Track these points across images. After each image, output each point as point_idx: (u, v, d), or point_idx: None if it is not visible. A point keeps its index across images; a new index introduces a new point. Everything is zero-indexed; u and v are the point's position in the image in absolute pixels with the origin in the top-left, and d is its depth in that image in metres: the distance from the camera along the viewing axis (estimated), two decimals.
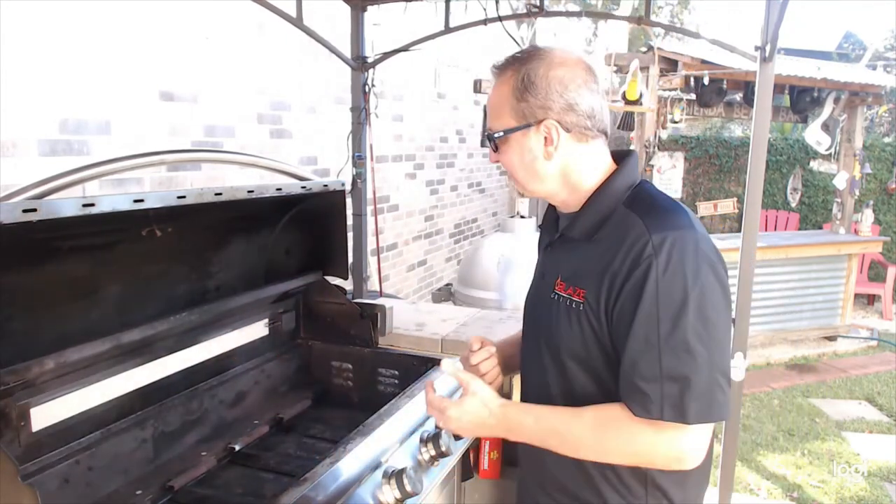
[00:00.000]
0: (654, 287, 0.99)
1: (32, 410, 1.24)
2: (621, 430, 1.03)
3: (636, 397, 1.01)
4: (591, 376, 1.10)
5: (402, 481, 1.29)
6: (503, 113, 1.14)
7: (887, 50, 13.08)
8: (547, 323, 1.16)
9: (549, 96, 1.09)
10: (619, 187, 1.13)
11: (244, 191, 1.50)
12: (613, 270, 1.04)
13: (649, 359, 1.00)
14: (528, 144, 1.13)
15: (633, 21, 2.69)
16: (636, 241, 1.02)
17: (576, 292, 1.10)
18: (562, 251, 1.19)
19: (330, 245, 1.95)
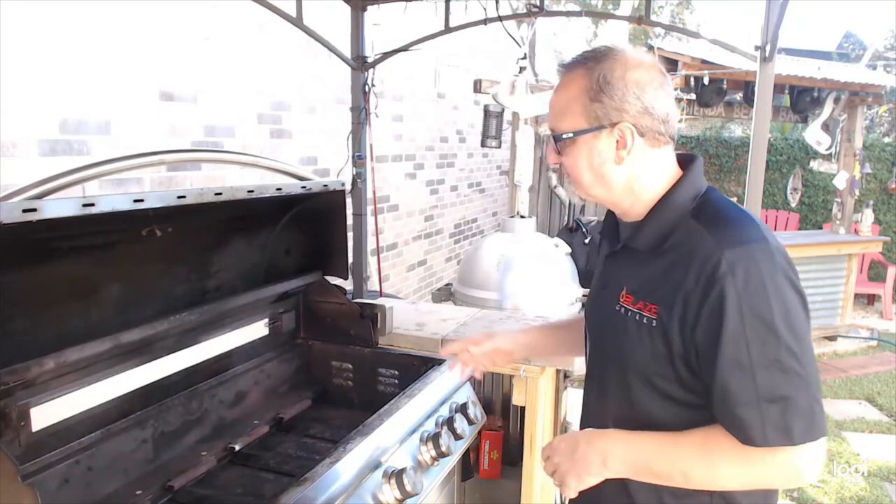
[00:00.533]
0: (737, 306, 0.94)
1: (32, 410, 1.24)
2: (732, 457, 0.98)
3: (735, 424, 0.97)
4: (658, 395, 1.06)
5: (402, 481, 1.29)
6: (573, 113, 1.07)
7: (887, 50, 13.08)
8: (612, 337, 1.12)
9: (626, 98, 1.04)
10: (684, 197, 1.09)
11: (244, 191, 1.50)
12: (687, 289, 0.99)
13: (742, 382, 0.95)
14: (599, 147, 1.07)
15: (633, 21, 2.69)
16: (708, 258, 0.98)
17: (646, 307, 1.05)
18: (625, 262, 1.14)
19: (330, 245, 1.95)
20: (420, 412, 1.55)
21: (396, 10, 3.13)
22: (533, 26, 3.22)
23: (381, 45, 2.93)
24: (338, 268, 1.98)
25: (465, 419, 1.63)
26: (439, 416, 1.60)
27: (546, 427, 2.16)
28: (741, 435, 0.96)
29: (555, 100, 1.12)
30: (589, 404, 1.25)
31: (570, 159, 1.10)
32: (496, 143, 4.95)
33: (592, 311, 1.24)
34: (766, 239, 1.00)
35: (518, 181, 4.08)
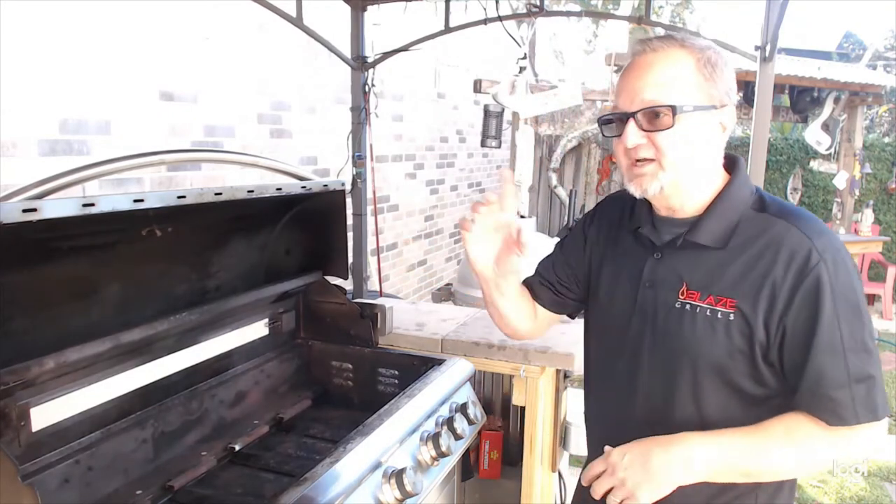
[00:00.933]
0: (830, 293, 0.98)
1: (32, 410, 1.24)
2: (819, 441, 1.01)
3: (827, 407, 0.99)
4: (728, 390, 1.06)
5: (402, 481, 1.29)
6: (686, 87, 1.02)
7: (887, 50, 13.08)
8: (675, 334, 1.08)
9: (730, 86, 1.04)
10: (745, 191, 1.09)
11: (244, 191, 1.50)
12: (775, 280, 1.00)
13: (837, 366, 0.98)
14: (704, 128, 1.04)
15: (633, 21, 2.70)
16: (797, 248, 1.00)
17: (719, 302, 1.03)
18: (681, 258, 1.10)
19: (330, 245, 1.95)
20: (420, 412, 1.55)
21: (396, 10, 3.13)
22: (533, 26, 3.22)
23: (381, 45, 2.93)
24: (338, 268, 1.98)
25: (465, 419, 1.63)
26: (439, 416, 1.60)
27: (546, 427, 2.16)
28: (833, 417, 0.99)
29: (654, 72, 1.03)
30: (621, 405, 1.18)
31: (672, 135, 1.02)
32: (496, 143, 4.95)
33: (621, 309, 1.17)
34: (833, 231, 1.06)
35: (518, 181, 4.08)
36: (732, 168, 1.12)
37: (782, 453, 1.02)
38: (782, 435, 1.01)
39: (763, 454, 1.02)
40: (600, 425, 1.26)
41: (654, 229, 1.15)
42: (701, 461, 1.01)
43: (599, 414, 1.26)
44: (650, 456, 1.01)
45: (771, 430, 1.02)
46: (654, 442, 1.03)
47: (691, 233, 1.09)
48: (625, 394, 1.17)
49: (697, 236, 1.08)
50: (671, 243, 1.12)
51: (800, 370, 1.00)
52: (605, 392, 1.22)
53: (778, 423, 1.02)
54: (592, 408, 1.31)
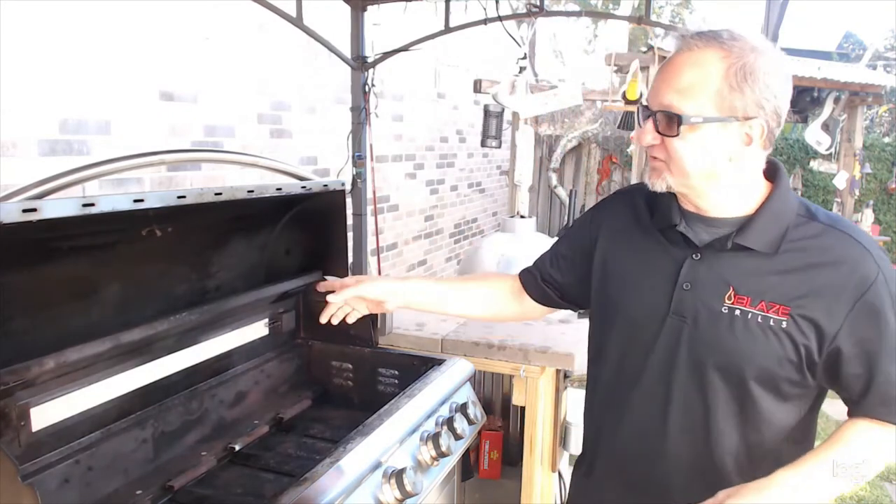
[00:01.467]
0: (890, 302, 1.00)
1: (32, 410, 1.24)
2: (889, 442, 1.04)
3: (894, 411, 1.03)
4: (771, 393, 1.06)
5: (402, 481, 1.29)
6: (703, 95, 0.99)
7: (887, 50, 13.08)
8: (719, 340, 1.06)
9: (766, 95, 0.99)
10: (791, 198, 1.09)
11: (244, 191, 1.50)
12: (835, 291, 1.00)
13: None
14: (723, 140, 1.01)
15: (633, 21, 2.70)
16: (859, 259, 1.01)
17: (771, 308, 1.02)
18: (726, 260, 1.07)
19: (330, 245, 1.95)
20: (420, 412, 1.55)
21: (396, 10, 3.13)
22: (533, 26, 3.22)
23: (381, 45, 2.93)
24: (338, 268, 1.98)
25: (465, 419, 1.63)
26: (439, 416, 1.60)
27: (546, 427, 2.16)
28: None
29: (679, 74, 1.01)
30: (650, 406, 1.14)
31: (685, 145, 1.01)
32: (496, 143, 4.95)
33: (652, 309, 1.13)
34: None
35: (518, 181, 4.08)
36: (774, 175, 1.10)
37: (866, 463, 1.03)
38: (865, 448, 1.04)
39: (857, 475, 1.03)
40: (621, 436, 1.20)
41: (688, 227, 1.11)
42: (801, 498, 0.98)
43: (619, 424, 1.20)
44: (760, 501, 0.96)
45: (854, 447, 1.03)
46: (757, 490, 0.97)
47: (740, 235, 1.05)
48: (656, 394, 1.13)
49: (747, 239, 1.05)
50: (714, 244, 1.08)
51: (867, 379, 1.02)
52: (628, 391, 1.17)
53: (854, 439, 1.05)
54: (605, 418, 1.25)
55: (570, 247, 1.34)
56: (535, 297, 1.39)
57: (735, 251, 1.06)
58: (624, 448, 1.20)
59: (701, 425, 1.09)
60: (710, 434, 1.08)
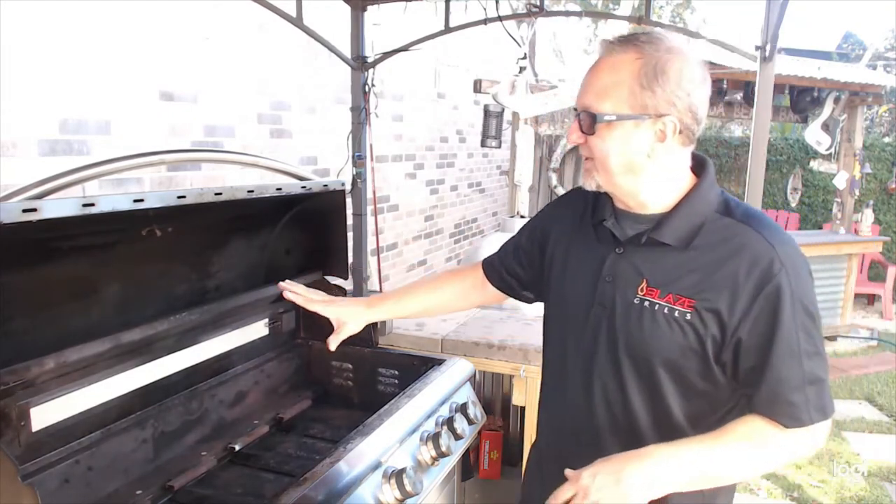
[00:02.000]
0: (790, 300, 1.02)
1: (32, 410, 1.24)
2: (776, 442, 1.05)
3: (784, 410, 1.04)
4: (680, 384, 1.10)
5: (402, 481, 1.29)
6: (618, 95, 1.04)
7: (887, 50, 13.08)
8: (629, 329, 1.11)
9: (677, 93, 1.03)
10: (711, 194, 1.12)
11: (244, 191, 1.50)
12: (736, 284, 1.03)
13: (794, 370, 1.03)
14: (637, 136, 1.05)
15: (633, 21, 2.69)
16: (761, 254, 1.03)
17: (678, 301, 1.06)
18: (643, 254, 1.12)
19: (330, 245, 1.95)
20: (420, 412, 1.55)
21: (396, 10, 3.13)
22: (533, 26, 3.22)
23: (381, 45, 2.93)
24: (338, 268, 1.98)
25: (465, 419, 1.63)
26: (439, 416, 1.61)
27: None
28: (790, 420, 1.04)
29: (598, 77, 1.07)
30: (577, 395, 1.20)
31: (602, 143, 1.07)
32: (496, 143, 4.95)
33: (581, 301, 1.19)
34: (794, 239, 1.09)
35: (518, 181, 4.08)
36: (700, 170, 1.14)
37: (744, 460, 1.06)
38: (742, 440, 1.05)
39: (727, 463, 1.06)
40: (557, 415, 1.28)
41: (616, 223, 1.16)
42: (669, 475, 1.02)
43: (556, 403, 1.27)
44: (621, 476, 1.01)
45: (731, 437, 1.05)
46: (623, 460, 1.03)
47: (655, 231, 1.10)
48: (580, 383, 1.19)
49: (661, 235, 1.10)
50: (634, 239, 1.13)
51: (759, 374, 1.04)
52: (564, 375, 1.24)
53: (737, 430, 1.06)
54: (550, 397, 1.32)
55: (529, 239, 1.39)
56: (498, 287, 1.46)
57: (651, 245, 1.11)
58: (560, 426, 1.27)
59: (619, 409, 1.15)
60: (627, 417, 1.14)
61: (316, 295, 1.48)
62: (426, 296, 1.49)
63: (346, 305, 1.47)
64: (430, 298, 1.49)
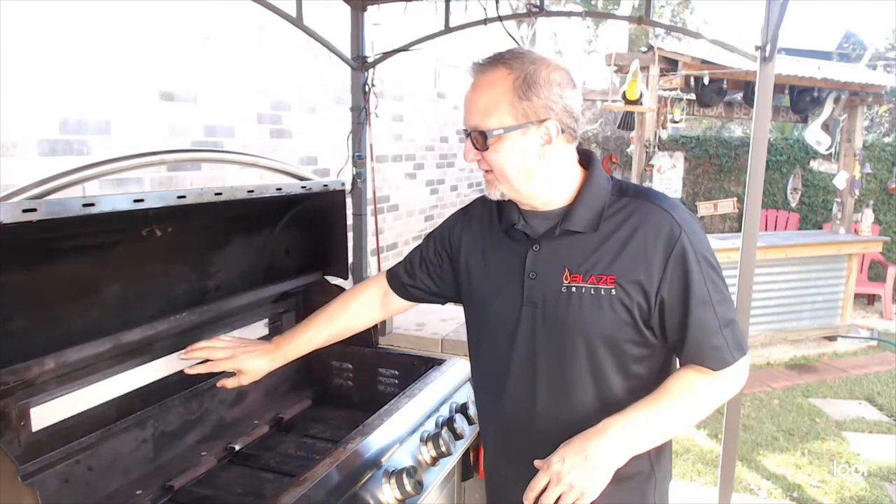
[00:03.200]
0: (694, 257, 1.13)
1: (32, 410, 1.24)
2: (709, 387, 1.16)
3: (711, 355, 1.15)
4: (619, 356, 1.17)
5: (402, 481, 1.29)
6: (499, 110, 1.13)
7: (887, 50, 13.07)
8: (564, 316, 1.17)
9: (551, 97, 1.12)
10: (603, 181, 1.22)
11: (244, 191, 1.50)
12: (648, 252, 1.13)
13: (710, 318, 1.14)
14: (526, 143, 1.14)
15: (633, 21, 2.70)
16: (661, 222, 1.14)
17: (600, 280, 1.14)
18: (559, 246, 1.19)
19: (330, 245, 1.95)
20: (420, 412, 1.56)
21: (396, 10, 3.13)
22: (533, 26, 3.22)
23: (381, 45, 2.93)
24: (338, 268, 1.98)
25: (465, 419, 1.63)
26: (439, 416, 1.61)
27: None
28: (717, 362, 1.15)
29: (478, 97, 1.15)
30: (523, 391, 1.23)
31: (497, 155, 1.15)
32: None
33: (509, 303, 1.23)
34: None
35: None
36: (588, 163, 1.24)
37: (685, 410, 1.16)
38: (682, 394, 1.16)
39: (673, 417, 1.16)
40: (502, 414, 1.29)
41: (526, 224, 1.24)
42: (627, 441, 1.11)
43: (498, 405, 1.29)
44: (587, 452, 1.09)
45: (671, 394, 1.15)
46: (584, 439, 1.11)
47: (565, 222, 1.19)
48: (526, 381, 1.23)
49: (571, 224, 1.18)
50: (547, 234, 1.21)
51: (682, 328, 1.14)
52: (502, 377, 1.26)
53: (673, 386, 1.17)
54: (490, 400, 1.33)
55: (436, 252, 1.43)
56: (404, 297, 1.50)
57: (564, 236, 1.19)
58: (504, 427, 1.29)
59: (564, 395, 1.20)
60: (572, 401, 1.20)
61: (220, 353, 1.42)
62: (330, 322, 1.49)
63: (248, 359, 1.42)
64: (336, 323, 1.49)
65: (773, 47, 2.21)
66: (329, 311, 1.50)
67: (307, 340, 1.48)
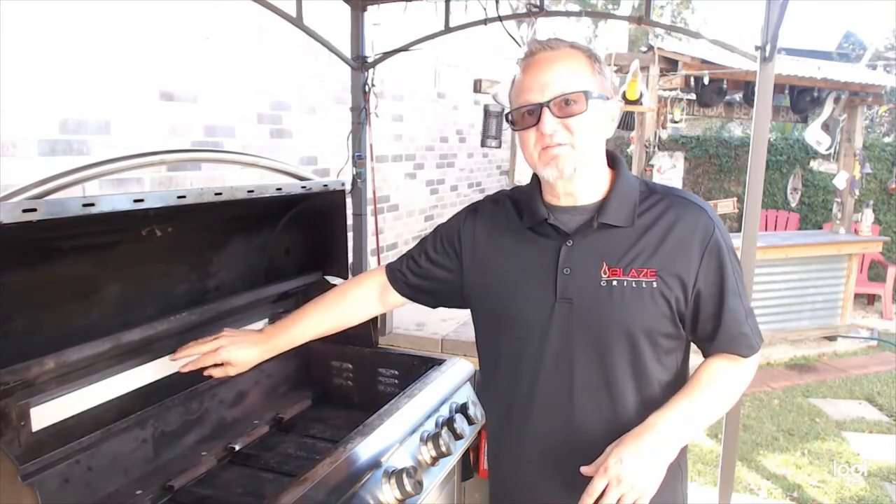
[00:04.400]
0: (727, 250, 1.17)
1: (32, 410, 1.24)
2: (737, 373, 1.21)
3: (742, 342, 1.19)
4: (655, 348, 1.18)
5: (402, 481, 1.29)
6: (584, 77, 1.14)
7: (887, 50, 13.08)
8: (604, 310, 1.16)
9: (613, 82, 1.18)
10: (632, 178, 1.25)
11: (244, 191, 1.50)
12: (687, 246, 1.16)
13: (739, 307, 1.18)
14: (603, 116, 1.17)
15: (633, 21, 2.70)
16: (698, 218, 1.18)
17: (641, 273, 1.15)
18: (595, 240, 1.18)
19: (330, 245, 1.95)
20: (420, 412, 1.55)
21: (396, 10, 3.13)
22: (533, 26, 3.22)
23: (381, 45, 2.93)
24: (338, 268, 1.98)
25: (465, 419, 1.63)
26: (439, 416, 1.61)
27: None
28: (747, 349, 1.20)
29: (559, 66, 1.13)
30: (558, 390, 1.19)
31: (587, 118, 1.13)
32: (496, 143, 4.95)
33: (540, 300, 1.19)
34: None
35: (518, 181, 4.08)
36: (615, 163, 1.25)
37: (720, 398, 1.20)
38: (715, 383, 1.19)
39: (711, 406, 1.18)
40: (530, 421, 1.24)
41: (556, 219, 1.21)
42: (677, 434, 1.11)
43: (525, 405, 1.24)
44: (643, 450, 1.06)
45: (707, 384, 1.18)
46: (636, 437, 1.08)
47: (601, 215, 1.18)
48: (559, 376, 1.19)
49: (608, 218, 1.18)
50: (581, 229, 1.19)
51: (717, 318, 1.18)
52: (531, 382, 1.22)
53: (707, 375, 1.20)
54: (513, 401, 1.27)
55: (442, 250, 1.37)
56: (403, 293, 1.45)
57: (601, 230, 1.18)
58: (534, 435, 1.24)
59: (604, 393, 1.19)
60: (613, 399, 1.18)
61: (205, 347, 1.39)
62: (326, 314, 1.44)
63: (235, 349, 1.39)
64: (332, 315, 1.45)
65: (773, 47, 2.21)
66: (325, 302, 1.45)
67: (301, 332, 1.44)
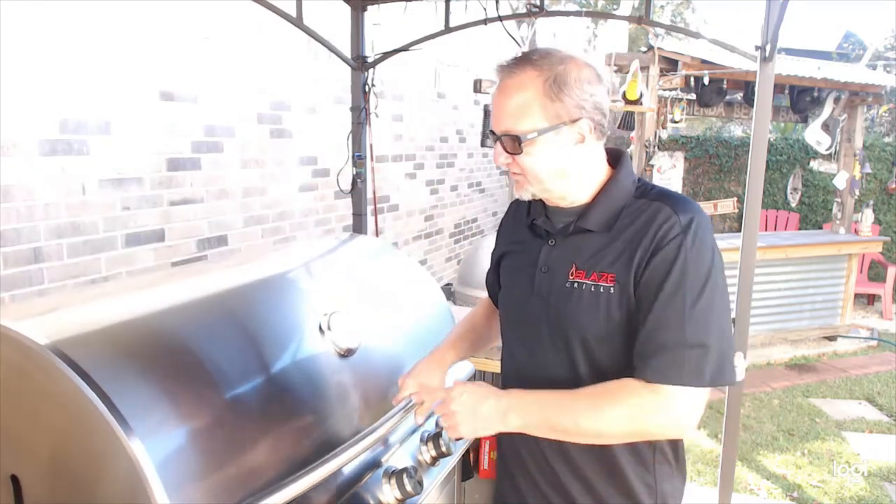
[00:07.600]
0: (683, 261, 1.08)
1: None
2: (640, 399, 1.06)
3: (653, 363, 1.06)
4: (613, 358, 1.15)
5: (402, 481, 1.29)
6: (531, 113, 1.12)
7: (887, 50, 13.08)
8: (565, 311, 1.18)
9: (582, 97, 1.12)
10: (627, 181, 1.21)
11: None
12: (643, 248, 1.11)
13: (674, 327, 1.06)
14: (559, 144, 1.14)
15: (633, 21, 2.70)
16: (664, 221, 1.11)
17: (602, 277, 1.14)
18: (571, 243, 1.20)
19: None
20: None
21: (396, 10, 3.13)
22: (533, 26, 3.22)
23: (381, 45, 2.93)
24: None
25: None
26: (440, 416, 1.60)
27: None
28: (657, 374, 1.06)
29: (508, 100, 1.15)
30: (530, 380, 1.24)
31: (530, 158, 1.14)
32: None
33: (522, 293, 1.26)
34: (703, 212, 1.15)
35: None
36: (617, 162, 1.24)
37: (589, 409, 1.08)
38: (602, 394, 1.09)
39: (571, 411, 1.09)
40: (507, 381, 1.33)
41: (547, 219, 1.25)
42: (517, 414, 1.10)
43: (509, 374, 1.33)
44: (482, 402, 1.11)
45: (585, 391, 1.11)
46: (488, 392, 1.13)
47: (581, 220, 1.19)
48: (531, 368, 1.25)
49: (586, 222, 1.19)
50: (563, 230, 1.22)
51: (639, 328, 1.10)
52: (518, 360, 1.29)
53: (602, 387, 1.10)
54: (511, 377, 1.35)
55: (496, 255, 1.45)
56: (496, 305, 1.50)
57: (578, 233, 1.20)
58: None
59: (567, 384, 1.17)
60: None
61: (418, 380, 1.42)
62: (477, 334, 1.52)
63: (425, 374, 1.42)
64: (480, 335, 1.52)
65: (773, 47, 2.21)
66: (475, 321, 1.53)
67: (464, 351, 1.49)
